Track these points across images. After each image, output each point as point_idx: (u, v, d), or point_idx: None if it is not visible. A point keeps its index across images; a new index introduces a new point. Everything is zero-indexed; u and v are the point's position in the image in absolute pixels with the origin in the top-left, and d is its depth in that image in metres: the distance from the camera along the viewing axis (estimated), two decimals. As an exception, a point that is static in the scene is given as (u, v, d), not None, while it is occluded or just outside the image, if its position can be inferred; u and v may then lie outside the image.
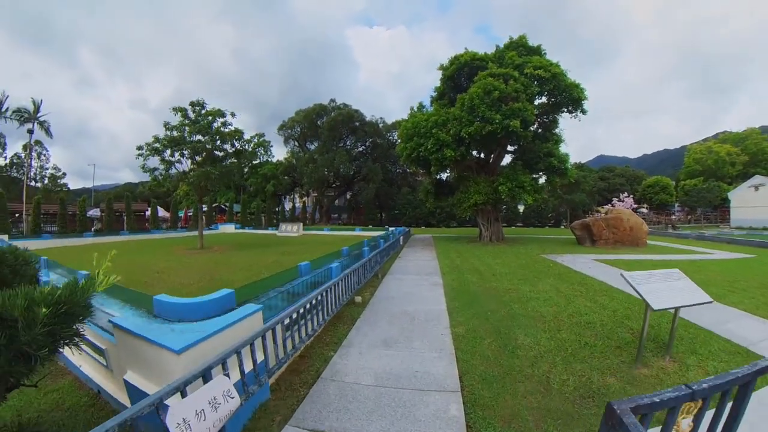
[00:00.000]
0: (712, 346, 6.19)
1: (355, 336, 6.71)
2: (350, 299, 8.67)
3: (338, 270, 8.40)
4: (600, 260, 15.82)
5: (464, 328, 7.02)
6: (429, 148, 20.39)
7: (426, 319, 7.67)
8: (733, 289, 10.02)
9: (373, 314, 8.03)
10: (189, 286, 11.08)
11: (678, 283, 5.79)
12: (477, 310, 8.18)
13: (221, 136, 20.65)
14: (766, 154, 66.06)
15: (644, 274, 5.72)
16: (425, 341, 6.40)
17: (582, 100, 21.87)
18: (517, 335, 6.64)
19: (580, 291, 9.86)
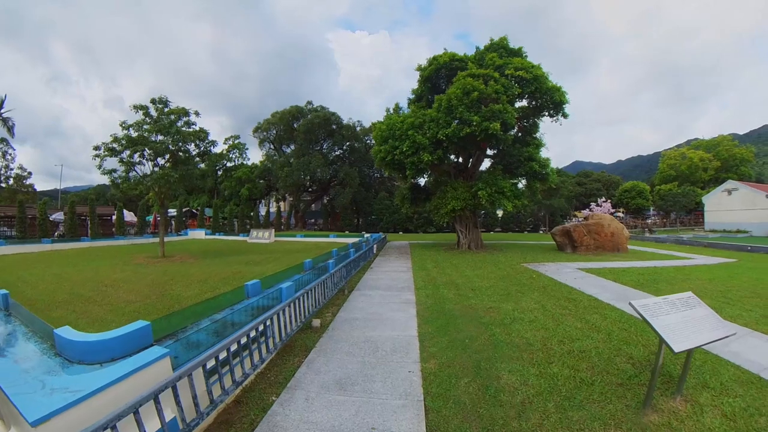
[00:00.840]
0: (722, 375, 5.33)
1: (305, 374, 5.54)
2: (306, 323, 7.53)
3: (290, 291, 7.16)
4: (585, 269, 15.03)
5: (437, 363, 5.90)
6: (404, 151, 19.32)
7: (392, 349, 6.53)
8: (728, 300, 9.59)
9: (331, 343, 6.86)
10: (134, 303, 9.96)
11: (696, 311, 4.86)
12: (453, 337, 7.05)
13: (182, 135, 19.30)
14: (737, 160, 68.64)
15: (657, 303, 4.74)
16: (389, 382, 5.27)
17: (563, 104, 21.23)
18: (500, 371, 5.55)
19: (569, 308, 8.88)
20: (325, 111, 53.33)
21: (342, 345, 6.69)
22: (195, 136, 20.09)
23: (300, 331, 7.20)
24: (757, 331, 7.17)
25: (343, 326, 7.80)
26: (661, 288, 11.26)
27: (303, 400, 4.75)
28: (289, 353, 6.32)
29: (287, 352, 6.37)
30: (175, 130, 18.87)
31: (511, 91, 19.22)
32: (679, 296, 5.00)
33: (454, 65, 22.36)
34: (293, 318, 6.76)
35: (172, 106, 20.04)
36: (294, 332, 6.71)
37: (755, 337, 6.86)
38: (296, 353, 6.33)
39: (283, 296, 6.92)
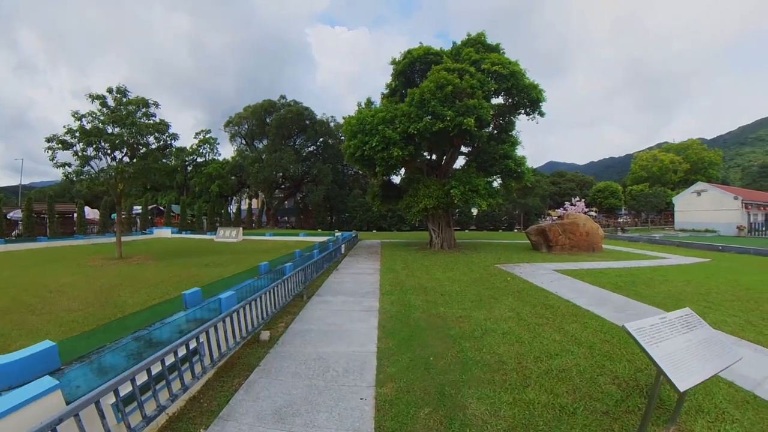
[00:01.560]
0: (716, 396, 4.74)
1: (242, 400, 4.73)
2: (254, 336, 6.76)
3: (231, 301, 6.20)
4: (561, 270, 14.47)
5: (395, 387, 5.05)
6: (374, 147, 18.32)
7: (346, 369, 5.68)
8: (709, 305, 9.21)
9: (277, 360, 6.00)
10: (75, 312, 9.03)
11: (698, 333, 4.22)
12: (416, 354, 6.21)
13: (138, 127, 17.86)
14: (705, 163, 71.34)
15: (655, 326, 4.04)
16: (336, 413, 4.45)
17: (540, 102, 20.69)
18: (467, 398, 4.76)
19: (546, 317, 8.14)
20: (298, 106, 51.87)
21: (289, 364, 5.86)
22: (154, 128, 18.79)
23: (246, 345, 6.47)
24: (744, 340, 6.74)
25: (295, 340, 6.95)
26: (640, 291, 10.80)
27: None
28: (230, 373, 5.53)
29: (227, 371, 5.59)
30: (130, 121, 17.55)
31: (487, 86, 18.54)
32: (678, 314, 4.33)
33: (429, 59, 21.46)
34: (235, 332, 5.90)
35: (131, 96, 18.76)
36: (235, 348, 5.87)
37: (743, 347, 6.38)
38: (237, 373, 5.52)
39: (222, 307, 6.01)
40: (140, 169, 18.64)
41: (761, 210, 44.31)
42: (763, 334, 7.00)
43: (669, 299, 9.71)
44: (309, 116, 51.82)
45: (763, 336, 6.88)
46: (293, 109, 50.69)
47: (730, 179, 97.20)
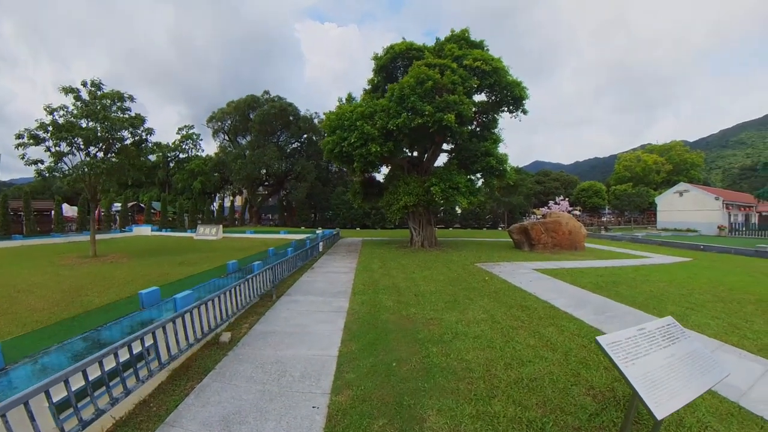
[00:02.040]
0: (698, 408, 4.36)
1: (192, 404, 4.51)
2: (214, 337, 6.59)
3: (187, 301, 5.92)
4: (541, 270, 14.14)
5: (351, 395, 4.70)
6: (353, 143, 17.86)
7: (303, 374, 5.35)
8: (692, 306, 8.90)
9: (234, 364, 5.70)
10: (40, 311, 8.67)
11: (681, 347, 3.81)
12: (379, 359, 5.81)
13: (112, 122, 17.16)
14: (687, 164, 72.53)
15: (632, 338, 3.60)
16: (284, 422, 4.15)
17: (523, 99, 20.30)
18: (427, 409, 4.36)
19: (522, 319, 7.73)
20: (281, 101, 50.97)
21: (245, 367, 5.56)
22: (128, 122, 18.02)
23: (205, 347, 6.27)
24: (728, 344, 6.43)
25: (256, 342, 6.63)
26: (621, 291, 10.51)
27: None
28: (184, 376, 5.27)
29: (182, 374, 5.33)
30: (102, 116, 16.85)
31: (468, 82, 18.08)
32: (658, 325, 3.93)
33: (411, 54, 20.99)
34: (188, 333, 5.66)
35: (106, 89, 18.06)
36: (187, 351, 5.67)
37: (727, 352, 6.12)
38: (191, 376, 5.26)
39: (178, 307, 5.84)
40: (114, 165, 17.96)
41: (741, 210, 45.09)
42: (747, 337, 6.70)
43: (651, 300, 9.46)
44: (293, 112, 50.90)
45: (747, 340, 6.59)
46: (277, 104, 49.78)
47: (711, 181, 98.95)
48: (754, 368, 5.48)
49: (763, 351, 6.06)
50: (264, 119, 49.15)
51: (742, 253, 21.07)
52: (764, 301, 9.40)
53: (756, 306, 8.95)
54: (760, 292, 10.41)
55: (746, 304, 9.17)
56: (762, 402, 4.54)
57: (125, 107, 18.27)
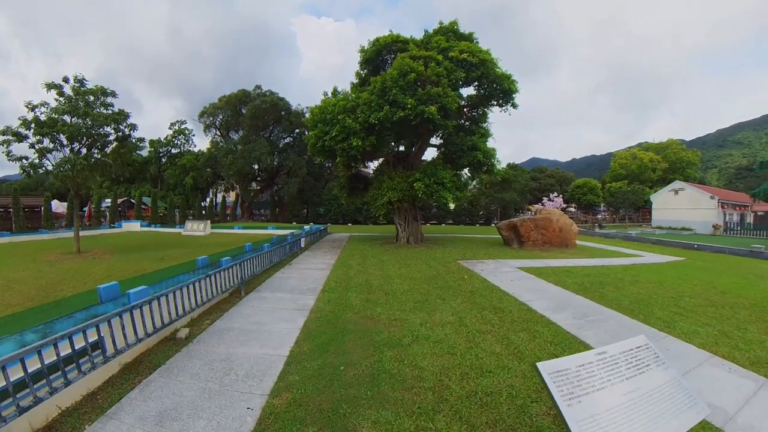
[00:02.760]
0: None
1: (135, 398, 4.58)
2: (172, 333, 6.66)
3: (142, 295, 6.01)
4: (526, 268, 13.57)
5: (289, 398, 4.51)
6: (334, 137, 17.42)
7: (247, 373, 5.26)
8: (681, 311, 8.26)
9: (184, 360, 5.69)
10: (14, 306, 8.73)
11: (650, 377, 3.13)
12: (328, 361, 5.56)
13: (93, 118, 17.03)
14: (683, 163, 71.98)
15: (586, 366, 2.97)
16: (215, 422, 4.10)
17: (513, 92, 19.74)
18: (362, 420, 4.02)
19: (492, 323, 7.20)
20: (273, 96, 50.17)
21: (194, 364, 5.56)
22: (111, 118, 17.87)
23: (162, 342, 6.36)
24: (717, 356, 5.82)
25: (212, 339, 6.59)
26: (606, 293, 9.86)
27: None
28: (134, 370, 5.33)
29: (134, 368, 5.39)
30: (82, 111, 16.69)
31: (454, 74, 17.52)
32: (625, 348, 3.29)
33: (396, 47, 20.51)
34: (139, 328, 5.67)
35: (89, 85, 18.01)
36: (135, 345, 5.57)
37: (716, 366, 5.51)
38: (141, 370, 5.31)
39: (131, 301, 5.81)
40: (97, 161, 17.85)
41: (737, 210, 44.71)
42: (738, 348, 6.11)
43: (637, 304, 8.84)
44: (284, 107, 50.13)
45: (739, 351, 5.99)
46: (268, 99, 48.99)
47: (707, 180, 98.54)
48: (745, 386, 4.91)
49: (755, 365, 5.48)
50: (255, 114, 48.40)
51: (737, 253, 20.50)
52: (758, 307, 8.71)
53: (749, 312, 8.29)
54: (753, 296, 9.73)
55: (739, 309, 8.52)
56: (750, 429, 3.94)
57: (108, 103, 18.14)
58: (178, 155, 55.58)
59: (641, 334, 3.57)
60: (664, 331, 6.86)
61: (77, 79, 17.58)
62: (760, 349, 6.03)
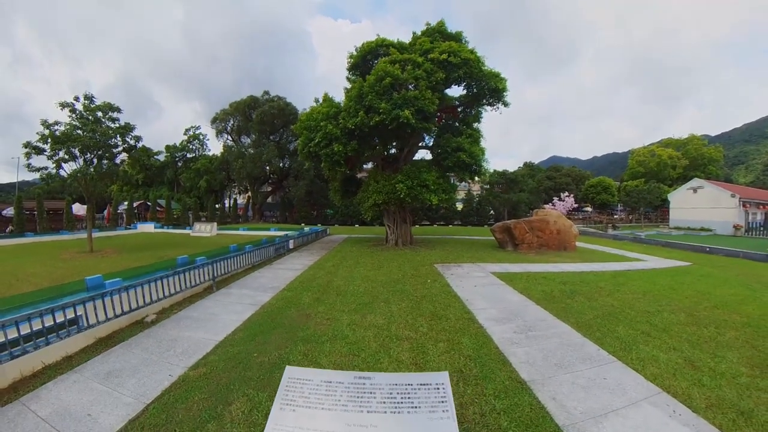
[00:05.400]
0: None
1: (97, 362, 6.02)
2: (141, 318, 8.05)
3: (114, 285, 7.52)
4: (500, 273, 13.26)
5: (202, 372, 5.63)
6: (318, 143, 17.82)
7: (184, 350, 6.50)
8: (650, 329, 7.33)
9: (144, 338, 7.07)
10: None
11: (398, 421, 2.84)
12: (249, 347, 6.53)
13: (102, 132, 19.02)
14: (705, 159, 68.65)
15: (327, 380, 3.02)
16: (143, 381, 5.41)
17: (502, 91, 19.43)
18: (240, 396, 4.93)
19: (420, 331, 7.18)
20: (280, 101, 51.49)
21: (149, 341, 6.87)
22: (116, 131, 19.87)
23: (133, 324, 7.73)
24: (667, 392, 4.89)
25: (171, 324, 7.87)
26: (573, 304, 9.17)
27: (71, 381, 5.34)
28: (104, 343, 6.74)
29: (106, 341, 6.81)
30: (90, 128, 18.67)
31: (434, 76, 17.46)
32: (404, 379, 3.07)
33: (381, 51, 20.64)
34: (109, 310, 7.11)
35: (97, 102, 19.95)
36: (105, 323, 7.03)
37: (657, 406, 4.60)
38: (110, 343, 6.69)
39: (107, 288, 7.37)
40: (104, 171, 20.13)
41: (761, 209, 42.19)
42: (701, 384, 5.11)
43: (602, 318, 8.02)
44: (291, 112, 51.22)
45: (699, 388, 5.01)
46: (275, 104, 50.29)
47: (733, 177, 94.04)
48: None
49: (711, 409, 4.52)
50: (263, 119, 49.71)
51: (752, 258, 18.52)
52: (750, 327, 7.43)
53: (738, 333, 7.12)
54: (750, 313, 8.42)
55: (727, 329, 7.34)
56: None
57: (114, 117, 20.07)
58: (192, 159, 57.53)
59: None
60: (616, 354, 6.06)
61: (87, 96, 19.41)
62: (728, 387, 5.01)
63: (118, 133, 19.74)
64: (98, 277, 7.95)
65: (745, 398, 4.70)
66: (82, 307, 6.50)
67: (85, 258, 17.90)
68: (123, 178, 21.44)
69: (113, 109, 19.86)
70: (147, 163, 21.13)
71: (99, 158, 19.63)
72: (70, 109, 18.79)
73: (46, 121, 18.12)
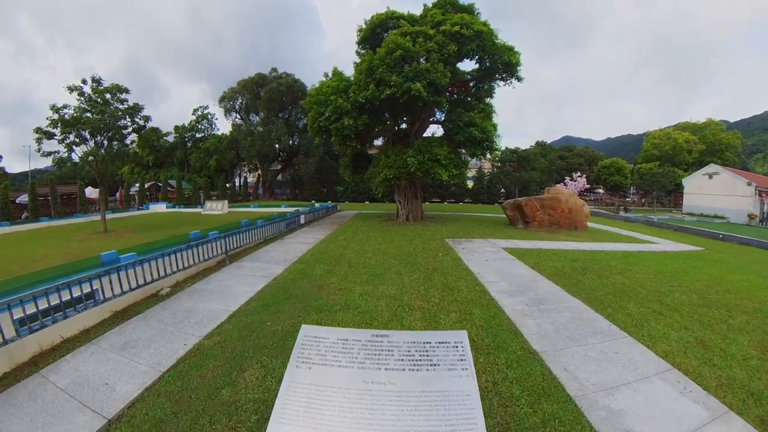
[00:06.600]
0: None
1: (113, 334, 6.07)
2: (156, 291, 8.17)
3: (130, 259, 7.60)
4: (511, 249, 13.15)
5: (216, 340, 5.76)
6: (328, 117, 17.64)
7: (198, 321, 6.59)
8: (661, 308, 7.22)
9: (159, 310, 7.15)
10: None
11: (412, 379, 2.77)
12: (262, 317, 6.60)
13: (111, 113, 19.08)
14: (722, 145, 66.06)
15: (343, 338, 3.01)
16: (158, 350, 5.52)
17: (516, 65, 19.05)
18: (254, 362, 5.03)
19: (432, 301, 7.19)
20: (288, 78, 50.67)
21: (164, 313, 6.97)
22: (125, 112, 19.94)
23: (149, 297, 7.86)
24: (678, 369, 4.86)
25: (185, 296, 7.96)
26: (584, 281, 9.03)
27: (89, 353, 5.43)
28: (120, 315, 6.84)
29: (121, 314, 6.89)
30: (99, 110, 18.72)
31: (446, 49, 17.10)
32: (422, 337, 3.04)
33: (391, 24, 20.16)
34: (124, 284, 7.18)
35: (105, 84, 19.85)
36: (121, 296, 7.10)
37: (668, 382, 4.57)
38: (125, 316, 6.77)
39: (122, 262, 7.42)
40: (115, 152, 20.24)
41: (776, 199, 40.94)
42: (712, 363, 5.04)
43: (613, 296, 7.89)
44: (300, 88, 50.26)
45: (710, 367, 4.95)
46: (284, 81, 49.56)
47: (751, 166, 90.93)
48: (690, 416, 3.95)
49: (722, 388, 4.45)
50: (271, 96, 49.13)
51: (765, 247, 17.69)
52: (763, 312, 7.23)
53: (749, 317, 6.89)
54: (762, 300, 8.14)
55: (737, 313, 7.13)
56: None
57: (122, 99, 20.00)
58: (201, 139, 57.14)
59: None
60: (627, 330, 6.02)
61: (95, 79, 19.26)
62: (739, 368, 4.92)
63: (127, 113, 19.83)
64: (113, 253, 7.99)
65: (755, 380, 4.63)
66: (98, 282, 6.54)
67: (100, 238, 18.11)
68: (134, 160, 22.11)
69: (121, 90, 19.85)
70: (157, 144, 21.40)
71: (109, 140, 19.77)
72: (78, 93, 18.81)
73: (55, 105, 18.13)
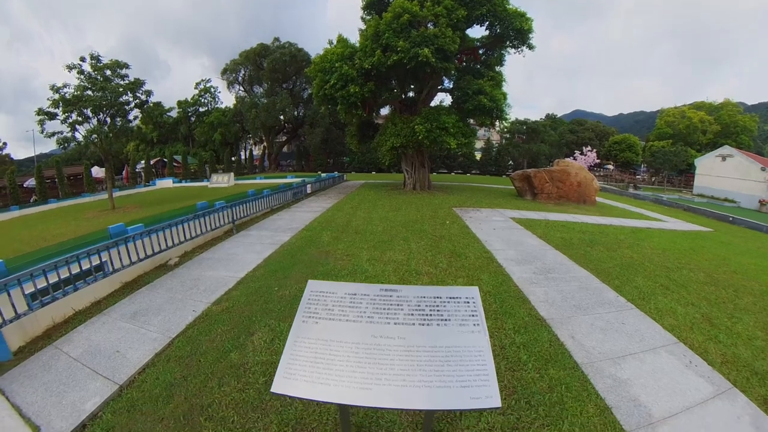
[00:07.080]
0: None
1: (123, 303, 6.14)
2: (163, 261, 8.23)
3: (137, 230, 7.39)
4: (518, 219, 12.96)
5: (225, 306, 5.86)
6: (333, 84, 17.19)
7: (206, 288, 6.65)
8: (669, 283, 7.09)
9: (167, 279, 7.19)
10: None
11: (424, 334, 2.75)
12: (269, 283, 6.70)
13: (112, 90, 19.05)
14: (738, 127, 63.69)
15: (351, 292, 3.03)
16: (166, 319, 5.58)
17: (528, 32, 18.29)
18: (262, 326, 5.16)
19: (440, 267, 7.14)
20: (291, 47, 49.63)
21: (172, 282, 7.02)
22: (126, 87, 19.93)
23: (157, 268, 7.89)
24: (683, 343, 4.83)
25: (193, 265, 7.99)
26: (592, 253, 8.85)
27: (100, 323, 5.48)
28: (130, 286, 6.87)
29: (132, 285, 6.94)
30: (99, 86, 18.65)
31: (455, 13, 16.40)
32: (434, 292, 3.00)
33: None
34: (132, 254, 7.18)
35: (105, 60, 19.73)
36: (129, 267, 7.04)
37: (674, 355, 4.56)
38: (135, 287, 6.81)
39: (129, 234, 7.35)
40: (119, 129, 20.41)
41: (790, 187, 39.82)
42: (717, 340, 4.99)
43: (621, 268, 7.73)
44: (303, 58, 49.26)
45: (715, 343, 4.89)
46: (287, 51, 48.56)
47: (765, 152, 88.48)
48: (695, 389, 3.93)
49: (727, 365, 4.43)
50: (275, 67, 48.24)
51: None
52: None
53: (756, 299, 6.66)
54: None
55: (744, 293, 6.90)
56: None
57: (123, 74, 19.92)
58: (205, 113, 56.46)
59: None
60: (634, 302, 5.97)
61: (93, 56, 19.06)
62: (744, 347, 4.85)
63: (128, 89, 19.77)
64: (120, 225, 7.88)
65: (759, 360, 4.56)
66: (106, 254, 6.51)
67: (108, 215, 18.22)
68: (138, 136, 22.42)
69: (121, 66, 19.69)
70: (160, 119, 21.38)
71: (112, 117, 19.77)
72: (78, 71, 18.66)
73: (55, 85, 18.11)
